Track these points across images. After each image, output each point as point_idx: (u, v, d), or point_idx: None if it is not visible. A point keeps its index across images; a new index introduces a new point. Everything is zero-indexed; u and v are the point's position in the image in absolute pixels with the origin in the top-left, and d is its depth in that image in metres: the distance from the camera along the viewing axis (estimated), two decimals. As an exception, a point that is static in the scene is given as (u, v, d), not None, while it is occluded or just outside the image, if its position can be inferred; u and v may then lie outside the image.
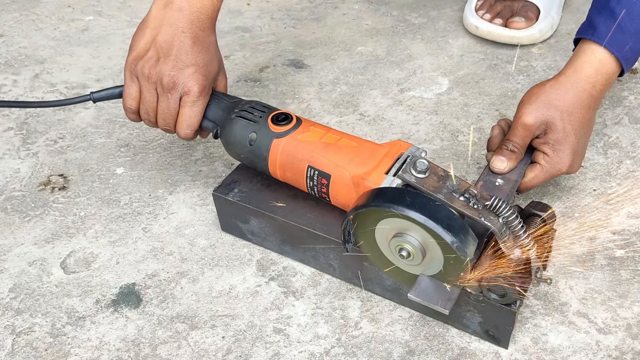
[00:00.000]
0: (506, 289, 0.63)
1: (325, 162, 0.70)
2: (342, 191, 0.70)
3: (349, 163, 0.69)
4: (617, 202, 0.80)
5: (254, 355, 0.69)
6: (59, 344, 0.71)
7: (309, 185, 0.72)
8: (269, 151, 0.73)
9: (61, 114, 1.05)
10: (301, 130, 0.73)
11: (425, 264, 0.65)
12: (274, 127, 0.73)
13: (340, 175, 0.69)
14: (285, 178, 0.74)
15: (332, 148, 0.70)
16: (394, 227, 0.64)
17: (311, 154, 0.71)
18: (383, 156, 0.69)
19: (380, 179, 0.66)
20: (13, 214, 0.87)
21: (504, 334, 0.67)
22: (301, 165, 0.71)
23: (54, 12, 1.31)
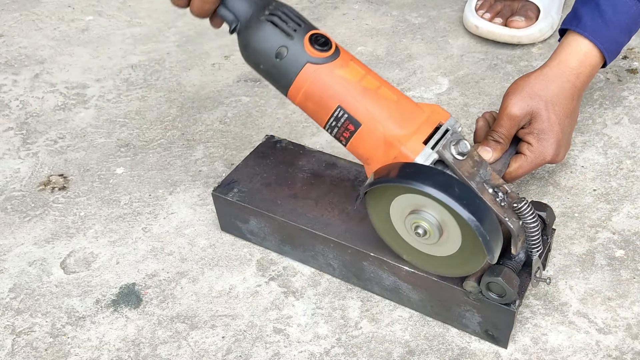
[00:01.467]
0: (505, 288, 0.63)
1: (361, 109, 0.63)
2: (369, 145, 0.64)
3: (386, 119, 0.63)
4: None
5: (254, 355, 0.69)
6: (59, 344, 0.71)
7: (330, 124, 0.66)
8: (298, 75, 0.64)
9: (61, 114, 1.05)
10: (340, 62, 0.65)
11: (441, 242, 0.63)
12: (311, 50, 0.64)
13: (372, 129, 0.64)
14: (303, 106, 0.67)
15: (370, 95, 0.64)
16: (412, 203, 0.62)
17: (346, 95, 0.64)
18: (422, 122, 0.64)
19: (419, 149, 0.62)
20: (13, 214, 0.87)
21: (504, 334, 0.67)
22: (331, 102, 0.64)
23: (54, 12, 1.31)
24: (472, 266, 0.64)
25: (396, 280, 0.70)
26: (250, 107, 1.04)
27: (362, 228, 0.72)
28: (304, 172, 0.80)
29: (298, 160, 0.81)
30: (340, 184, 0.78)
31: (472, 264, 0.63)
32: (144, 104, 1.06)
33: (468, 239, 0.61)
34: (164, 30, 1.24)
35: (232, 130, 0.99)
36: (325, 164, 0.81)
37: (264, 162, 0.81)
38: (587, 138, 0.93)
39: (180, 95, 1.07)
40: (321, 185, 0.78)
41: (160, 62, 1.15)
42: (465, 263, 0.64)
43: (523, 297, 0.66)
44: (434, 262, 0.66)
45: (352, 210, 0.74)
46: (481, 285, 0.64)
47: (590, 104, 0.99)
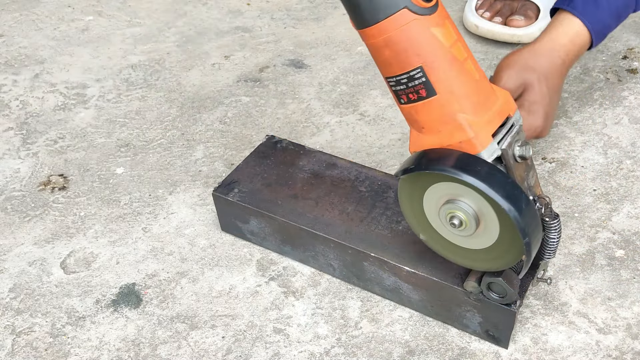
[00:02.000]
0: (506, 288, 0.63)
1: (442, 79, 0.57)
2: (434, 117, 0.58)
3: (464, 98, 0.57)
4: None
5: (254, 355, 0.69)
6: (59, 344, 0.71)
7: (400, 80, 0.58)
8: (390, 17, 0.55)
9: (61, 114, 1.05)
10: (437, 19, 0.56)
11: (476, 235, 0.61)
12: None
13: (446, 103, 0.57)
14: (376, 50, 0.58)
15: (456, 66, 0.57)
16: (449, 192, 0.59)
17: (433, 59, 0.56)
18: (496, 110, 0.59)
19: (486, 142, 0.58)
20: (13, 214, 0.87)
21: (504, 334, 0.67)
22: (413, 60, 0.57)
23: (54, 12, 1.31)
24: (506, 261, 0.61)
25: (397, 281, 0.70)
26: (250, 107, 1.04)
27: (362, 228, 0.72)
28: (304, 172, 0.80)
29: (298, 161, 0.81)
30: (340, 184, 0.78)
31: (506, 259, 0.61)
32: (144, 104, 1.06)
33: (506, 232, 0.59)
34: (164, 30, 1.24)
35: (232, 130, 0.99)
36: (325, 164, 0.81)
37: (264, 162, 0.81)
38: (587, 138, 0.93)
39: (180, 95, 1.07)
40: (322, 185, 0.78)
41: (160, 62, 1.15)
42: (500, 258, 0.62)
43: (524, 298, 0.66)
44: (465, 254, 0.64)
45: (353, 211, 0.74)
46: (482, 286, 0.64)
47: (590, 104, 0.99)
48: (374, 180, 0.78)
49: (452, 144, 0.58)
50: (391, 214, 0.74)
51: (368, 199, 0.76)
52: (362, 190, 0.77)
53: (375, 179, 0.78)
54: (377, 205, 0.75)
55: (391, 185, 0.77)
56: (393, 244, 0.71)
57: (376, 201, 0.75)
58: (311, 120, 1.00)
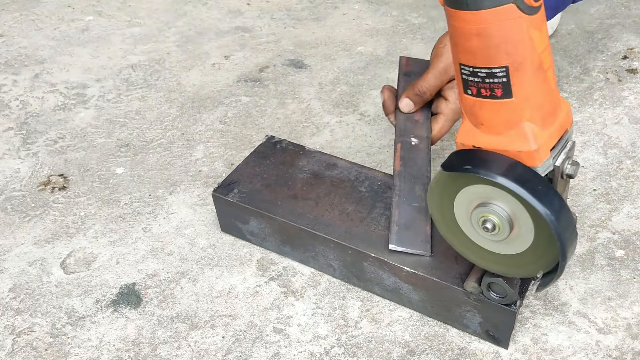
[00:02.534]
0: (506, 288, 0.63)
1: (525, 84, 0.53)
2: (500, 119, 0.55)
3: (537, 108, 0.54)
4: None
5: (254, 355, 0.69)
6: (59, 344, 0.71)
7: (476, 72, 0.55)
8: (495, 8, 0.51)
9: (61, 114, 1.05)
10: (538, 20, 0.53)
11: (509, 240, 0.59)
12: None
13: (518, 109, 0.54)
14: (463, 37, 0.54)
15: (541, 74, 0.54)
16: (482, 195, 0.57)
17: (522, 62, 0.53)
18: (559, 124, 0.56)
19: (545, 156, 0.55)
20: (13, 214, 0.87)
21: (504, 334, 0.67)
22: (502, 58, 0.53)
23: (54, 12, 1.31)
24: (538, 267, 0.59)
25: (397, 281, 0.70)
26: (250, 107, 1.04)
27: (362, 229, 0.72)
28: (304, 173, 0.80)
29: (298, 161, 0.81)
30: (340, 185, 0.78)
31: (539, 265, 0.59)
32: (144, 104, 1.06)
33: (541, 237, 0.57)
34: (164, 30, 1.24)
35: (232, 130, 0.99)
36: (325, 164, 0.81)
37: (264, 162, 0.81)
38: (587, 138, 0.93)
39: (180, 95, 1.07)
40: (321, 185, 0.78)
41: (160, 62, 1.15)
42: (532, 264, 0.60)
43: (524, 298, 0.66)
44: (497, 260, 0.62)
45: (353, 211, 0.74)
46: (482, 286, 0.64)
47: (590, 104, 0.99)
48: (373, 181, 0.78)
49: (510, 150, 0.55)
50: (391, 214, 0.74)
51: (368, 199, 0.76)
52: (362, 190, 0.77)
53: (375, 179, 0.78)
54: (377, 205, 0.75)
55: (391, 186, 0.77)
56: None
57: (376, 201, 0.75)
58: (311, 120, 1.00)
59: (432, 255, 0.69)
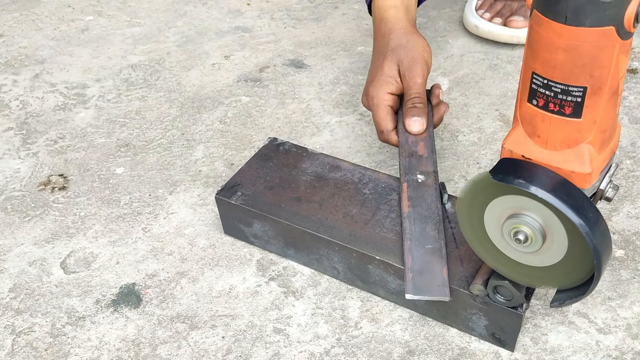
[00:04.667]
0: (513, 291, 0.62)
1: (596, 108, 0.51)
2: (561, 135, 0.53)
3: (600, 132, 0.53)
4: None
5: (254, 355, 0.69)
6: (59, 344, 0.71)
7: (550, 86, 0.52)
8: (594, 28, 0.48)
9: (61, 114, 1.05)
10: (627, 45, 0.50)
11: (541, 251, 0.57)
12: (630, 19, 0.48)
13: (583, 130, 0.52)
14: (549, 48, 0.51)
15: (614, 100, 0.52)
16: (512, 206, 0.56)
17: (603, 85, 0.50)
18: (610, 148, 0.56)
19: (595, 179, 0.55)
20: (13, 214, 0.87)
21: (511, 337, 0.67)
22: (584, 78, 0.50)
23: (54, 12, 1.31)
24: (570, 280, 0.58)
25: (402, 284, 0.70)
26: (250, 107, 1.04)
27: (366, 231, 0.72)
28: (307, 175, 0.80)
29: (301, 163, 0.81)
30: (344, 187, 0.78)
31: (571, 277, 0.58)
32: (144, 104, 1.06)
33: (575, 249, 0.55)
34: (164, 30, 1.24)
35: (232, 130, 0.99)
36: (328, 166, 0.80)
37: (267, 164, 0.81)
38: (587, 138, 0.93)
39: (180, 95, 1.07)
40: (325, 188, 0.78)
41: (160, 62, 1.15)
42: (563, 276, 0.59)
43: (530, 300, 0.65)
44: (526, 272, 0.61)
45: (357, 213, 0.74)
46: (488, 289, 0.64)
47: (590, 104, 0.99)
48: (377, 183, 0.78)
49: (563, 169, 0.54)
50: (395, 216, 0.73)
51: (372, 201, 0.76)
52: (365, 192, 0.77)
53: (378, 181, 0.78)
54: (381, 207, 0.75)
55: (395, 188, 0.77)
56: (398, 246, 0.70)
57: (380, 203, 0.75)
58: (311, 120, 1.00)
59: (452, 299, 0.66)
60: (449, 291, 0.65)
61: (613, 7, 0.47)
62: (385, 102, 0.79)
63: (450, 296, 0.65)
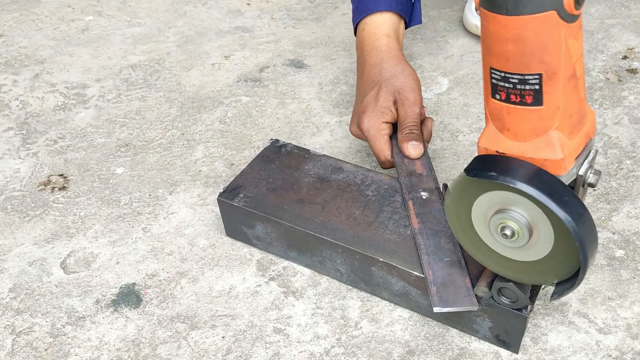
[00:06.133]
0: (517, 293, 0.62)
1: (556, 93, 0.52)
2: (527, 125, 0.54)
3: (566, 118, 0.54)
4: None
5: (254, 355, 0.69)
6: (59, 344, 0.71)
7: (509, 79, 0.54)
8: (535, 15, 0.50)
9: (61, 114, 1.05)
10: (575, 28, 0.51)
11: (528, 246, 0.58)
12: (569, 3, 0.49)
13: (547, 117, 0.54)
14: (497, 40, 0.53)
15: (573, 83, 0.53)
16: (499, 201, 0.57)
17: (557, 70, 0.52)
18: (584, 133, 0.56)
19: (570, 165, 0.55)
20: (13, 214, 0.87)
21: (515, 339, 0.67)
22: (536, 65, 0.52)
23: (54, 12, 1.31)
24: (557, 274, 0.59)
25: (405, 286, 0.70)
26: (250, 107, 1.04)
27: (370, 233, 0.72)
28: (309, 177, 0.79)
29: (304, 165, 0.81)
30: (346, 189, 0.77)
31: (558, 272, 0.59)
32: (144, 104, 1.06)
33: (561, 244, 0.56)
34: (164, 30, 1.24)
35: (232, 130, 0.99)
36: (331, 168, 0.80)
37: (269, 166, 0.81)
38: (587, 138, 0.93)
39: (180, 95, 1.07)
40: (328, 189, 0.78)
41: (160, 62, 1.15)
42: (551, 271, 0.59)
43: (534, 302, 0.65)
44: (514, 266, 0.62)
45: (360, 215, 0.74)
46: (492, 291, 0.64)
47: (590, 104, 0.99)
48: (380, 184, 0.78)
49: (535, 158, 0.55)
50: (399, 218, 0.73)
51: (375, 203, 0.75)
52: (368, 194, 0.77)
53: (381, 183, 0.78)
54: (384, 209, 0.75)
55: (397, 189, 0.77)
56: (401, 248, 0.70)
57: (383, 205, 0.75)
58: (311, 120, 1.00)
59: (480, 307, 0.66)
60: (476, 300, 0.65)
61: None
62: (382, 132, 0.80)
63: (477, 305, 0.64)
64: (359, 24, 0.89)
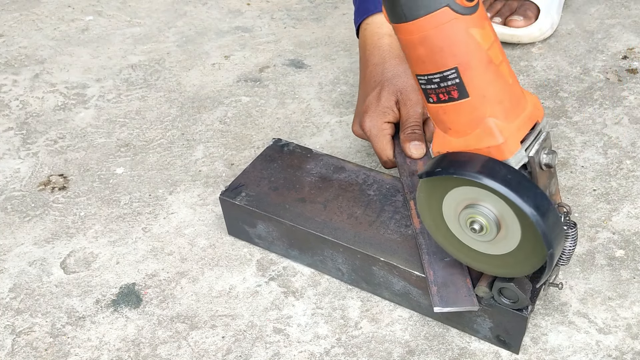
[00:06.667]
0: (518, 294, 0.62)
1: (477, 81, 0.55)
2: (463, 120, 0.57)
3: (496, 103, 0.56)
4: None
5: (254, 355, 0.69)
6: (59, 344, 0.71)
7: (432, 79, 0.57)
8: (430, 14, 0.53)
9: (61, 114, 1.05)
10: (477, 19, 0.54)
11: (497, 240, 0.60)
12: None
13: (477, 107, 0.56)
14: (411, 47, 0.56)
15: (492, 70, 0.55)
16: (469, 197, 0.58)
17: (469, 60, 0.54)
18: (525, 116, 0.57)
19: (515, 148, 0.56)
20: (13, 214, 0.87)
21: (515, 340, 0.67)
22: (448, 60, 0.55)
23: (54, 12, 1.31)
24: (526, 268, 0.60)
25: (406, 285, 0.70)
26: (250, 107, 1.04)
27: (371, 232, 0.72)
28: (312, 176, 0.79)
29: (306, 164, 0.81)
30: (348, 188, 0.77)
31: (526, 265, 0.60)
32: (144, 104, 1.06)
33: (528, 238, 0.58)
34: (164, 30, 1.24)
35: (232, 130, 0.99)
36: (333, 167, 0.80)
37: (271, 165, 0.81)
38: (587, 138, 0.93)
39: (180, 95, 1.07)
40: (329, 189, 0.77)
41: (160, 62, 1.15)
42: (519, 264, 0.60)
43: (535, 303, 0.65)
44: (485, 260, 0.63)
45: (361, 215, 0.74)
46: (493, 291, 0.63)
47: (590, 104, 0.99)
48: (382, 184, 0.78)
49: (479, 148, 0.56)
50: (400, 217, 0.73)
51: (376, 202, 0.75)
52: (370, 193, 0.77)
53: (383, 183, 0.78)
54: (386, 209, 0.75)
55: (399, 189, 0.77)
56: (402, 248, 0.70)
57: (385, 205, 0.75)
58: (311, 120, 1.00)
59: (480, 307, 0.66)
60: (477, 300, 0.65)
61: None
62: (384, 132, 0.80)
63: (478, 305, 0.65)
64: (360, 25, 0.89)
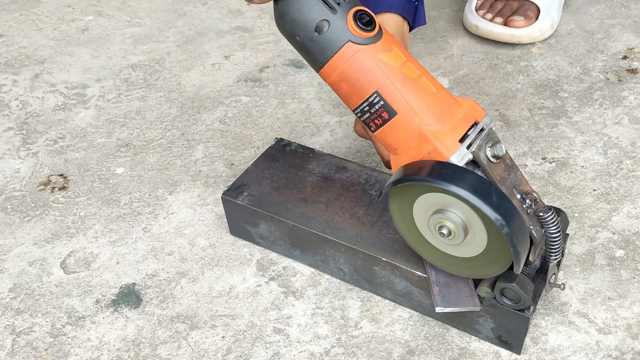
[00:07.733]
0: (520, 294, 0.62)
1: (398, 98, 0.60)
2: (401, 136, 0.62)
3: (423, 111, 0.60)
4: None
5: (254, 355, 0.69)
6: (59, 344, 0.71)
7: (362, 108, 0.62)
8: (337, 53, 0.60)
9: (61, 114, 1.05)
10: (382, 45, 0.61)
11: (465, 243, 0.62)
12: (354, 29, 0.60)
13: (408, 120, 0.61)
14: (336, 86, 0.63)
15: (410, 84, 0.61)
16: (437, 202, 0.60)
17: (385, 81, 0.60)
18: (460, 118, 0.61)
19: (454, 147, 0.59)
20: (13, 214, 0.87)
21: (517, 340, 0.67)
22: (368, 87, 0.61)
23: (54, 12, 1.31)
24: (495, 269, 0.62)
25: (408, 285, 0.70)
26: (250, 107, 1.04)
27: (373, 232, 0.72)
28: (314, 176, 0.79)
29: (308, 164, 0.81)
30: (350, 188, 0.77)
31: (495, 266, 0.62)
32: (144, 104, 1.06)
33: (494, 241, 0.59)
34: (164, 30, 1.24)
35: (232, 130, 0.99)
36: (335, 167, 0.80)
37: (273, 165, 0.81)
38: (587, 138, 0.93)
39: (180, 95, 1.07)
40: (331, 189, 0.77)
41: (160, 62, 1.15)
42: (488, 265, 0.62)
43: (537, 303, 0.65)
44: (456, 262, 0.65)
45: (363, 214, 0.74)
46: (495, 291, 0.64)
47: (590, 104, 0.99)
48: (384, 184, 0.77)
49: (422, 156, 0.60)
50: None
51: (379, 202, 0.75)
52: (372, 193, 0.76)
53: (385, 183, 0.78)
54: (388, 209, 0.75)
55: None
56: (404, 248, 0.70)
57: (387, 205, 0.75)
58: (311, 120, 1.00)
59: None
60: (478, 300, 0.65)
61: (331, 34, 0.60)
62: None
63: (480, 305, 0.65)
64: None
